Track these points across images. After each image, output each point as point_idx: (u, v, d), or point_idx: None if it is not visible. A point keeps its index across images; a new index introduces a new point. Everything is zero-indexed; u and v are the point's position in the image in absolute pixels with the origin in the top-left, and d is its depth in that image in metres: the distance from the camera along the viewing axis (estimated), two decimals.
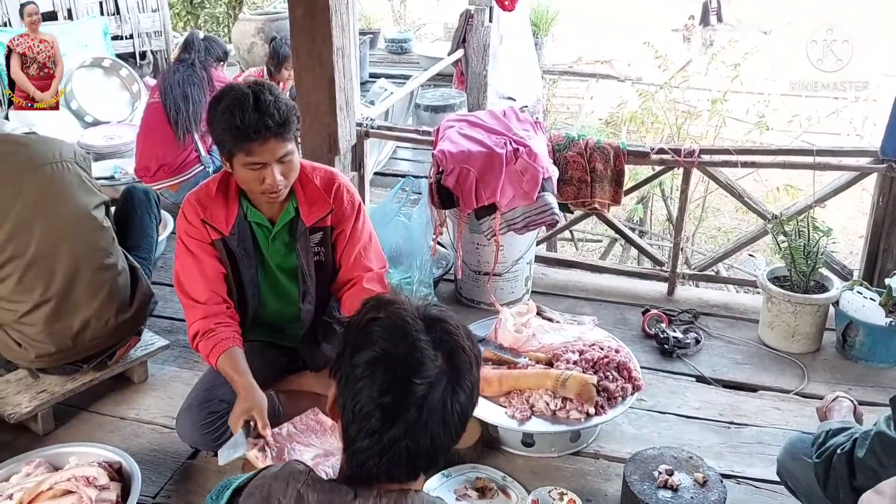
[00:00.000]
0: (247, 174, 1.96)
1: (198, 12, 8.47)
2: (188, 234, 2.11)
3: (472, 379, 1.11)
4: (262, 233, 2.16)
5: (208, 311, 2.09)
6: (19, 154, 2.25)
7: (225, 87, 2.00)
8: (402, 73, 6.44)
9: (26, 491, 1.91)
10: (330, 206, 2.15)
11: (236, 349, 2.04)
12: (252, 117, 1.87)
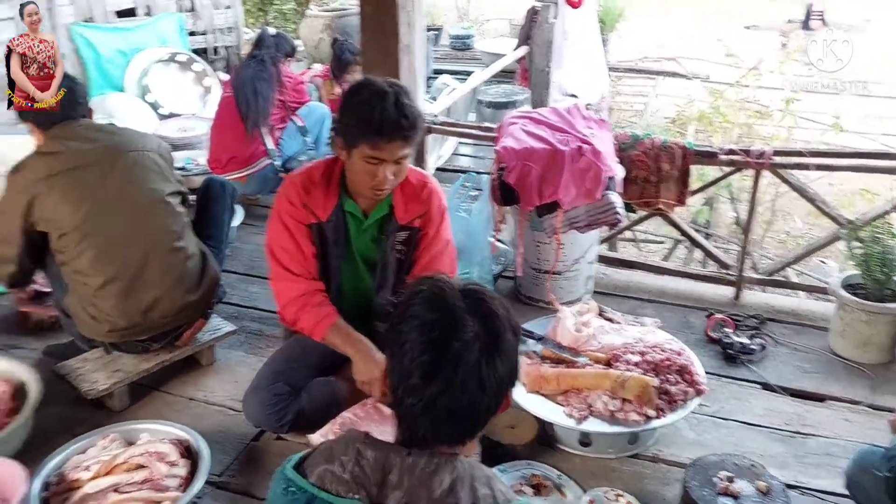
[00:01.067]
0: (362, 166, 2.02)
1: (267, 8, 8.65)
2: (288, 214, 2.18)
3: (508, 345, 1.19)
4: (354, 223, 2.23)
5: (309, 287, 2.17)
6: (111, 141, 2.42)
7: (364, 80, 2.06)
8: (465, 70, 6.46)
9: (102, 463, 2.01)
10: (424, 208, 2.21)
11: (342, 321, 2.13)
12: (390, 114, 1.93)
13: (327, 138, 4.45)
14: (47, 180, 2.29)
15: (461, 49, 7.38)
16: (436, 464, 1.14)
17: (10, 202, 2.32)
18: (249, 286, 3.29)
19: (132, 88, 5.09)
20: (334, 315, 2.14)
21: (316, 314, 2.14)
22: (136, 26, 5.21)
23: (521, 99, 5.06)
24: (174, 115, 5.11)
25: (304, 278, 2.18)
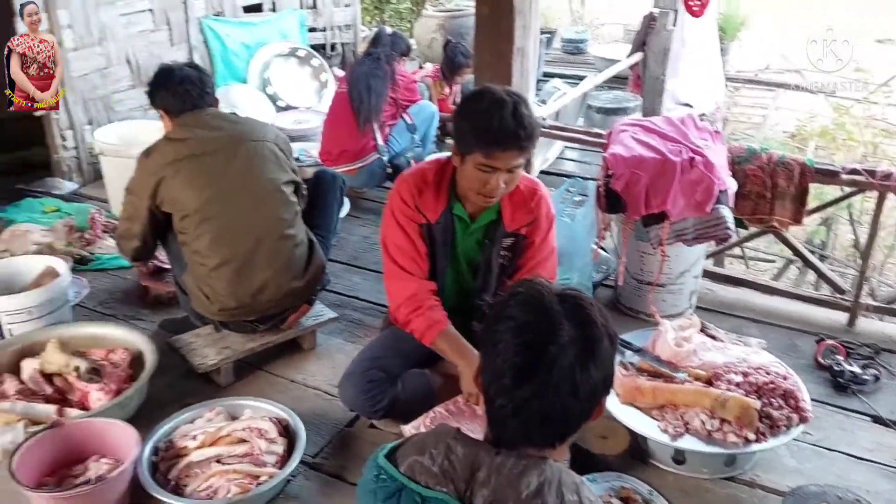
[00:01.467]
0: (474, 173, 2.03)
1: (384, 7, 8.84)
2: (401, 212, 2.21)
3: (603, 352, 1.17)
4: (461, 226, 2.25)
5: (421, 288, 2.19)
6: (234, 129, 2.55)
7: (483, 88, 2.07)
8: (576, 74, 6.39)
9: (208, 434, 2.13)
10: (533, 216, 2.22)
11: (451, 328, 2.15)
12: (508, 124, 1.93)
13: (434, 137, 4.53)
14: (174, 164, 2.44)
15: (573, 53, 7.31)
16: (524, 465, 1.14)
17: (140, 183, 2.49)
18: (353, 276, 3.38)
19: (254, 80, 5.32)
20: (445, 322, 2.14)
21: (427, 319, 2.15)
22: (261, 21, 5.44)
23: (633, 106, 4.97)
24: (291, 107, 5.31)
25: (416, 277, 2.20)
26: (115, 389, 2.32)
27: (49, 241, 3.38)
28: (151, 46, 4.62)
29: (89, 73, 4.25)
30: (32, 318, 2.56)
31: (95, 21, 4.22)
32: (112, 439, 2.10)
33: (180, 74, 2.55)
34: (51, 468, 2.06)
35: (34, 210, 3.81)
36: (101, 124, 4.25)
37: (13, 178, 4.29)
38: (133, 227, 2.56)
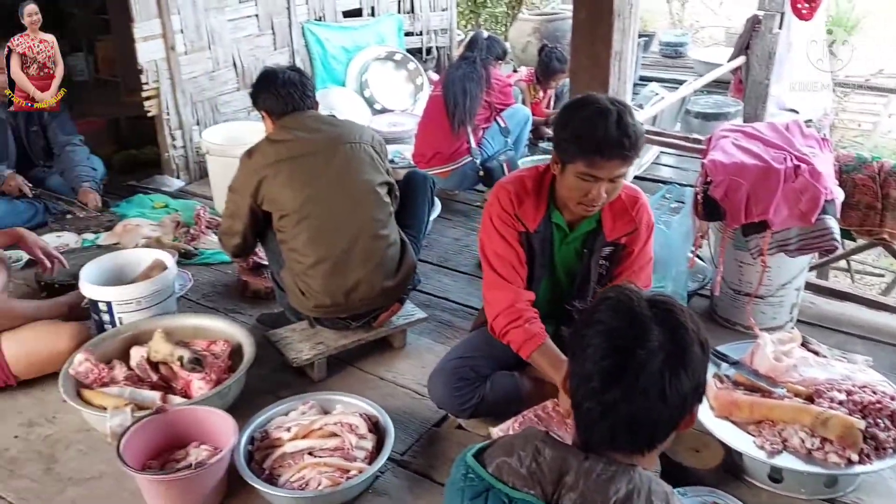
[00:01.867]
0: (575, 182, 2.01)
1: (479, 11, 8.87)
2: (500, 219, 2.19)
3: (694, 358, 1.15)
4: (559, 235, 2.24)
5: (519, 298, 2.16)
6: (332, 132, 2.63)
7: (586, 96, 2.04)
8: (675, 78, 6.24)
9: (301, 427, 2.19)
10: (634, 225, 2.19)
11: (549, 342, 2.11)
12: (612, 133, 1.90)
13: (527, 140, 4.52)
14: (274, 165, 2.53)
15: (672, 57, 7.14)
16: (613, 471, 1.13)
17: (242, 182, 2.60)
18: (443, 277, 3.42)
19: (352, 83, 5.45)
20: (543, 335, 2.10)
21: (525, 332, 2.11)
22: (360, 25, 5.56)
23: (734, 111, 4.81)
24: (387, 110, 5.41)
25: (515, 286, 2.17)
26: (216, 379, 2.42)
27: (157, 236, 3.57)
28: (256, 50, 4.81)
29: (198, 76, 4.46)
30: (141, 308, 2.70)
31: (205, 26, 4.43)
32: (212, 427, 2.19)
33: (283, 77, 2.64)
34: (155, 452, 2.16)
35: (144, 205, 4.03)
36: (208, 125, 4.46)
37: (126, 175, 4.55)
38: (234, 225, 2.67)
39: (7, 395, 2.55)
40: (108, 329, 2.67)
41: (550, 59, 4.93)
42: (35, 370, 2.54)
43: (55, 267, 2.90)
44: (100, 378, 2.40)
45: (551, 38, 6.36)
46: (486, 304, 2.24)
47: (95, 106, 5.64)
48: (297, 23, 5.06)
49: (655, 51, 7.40)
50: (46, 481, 2.20)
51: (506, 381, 2.30)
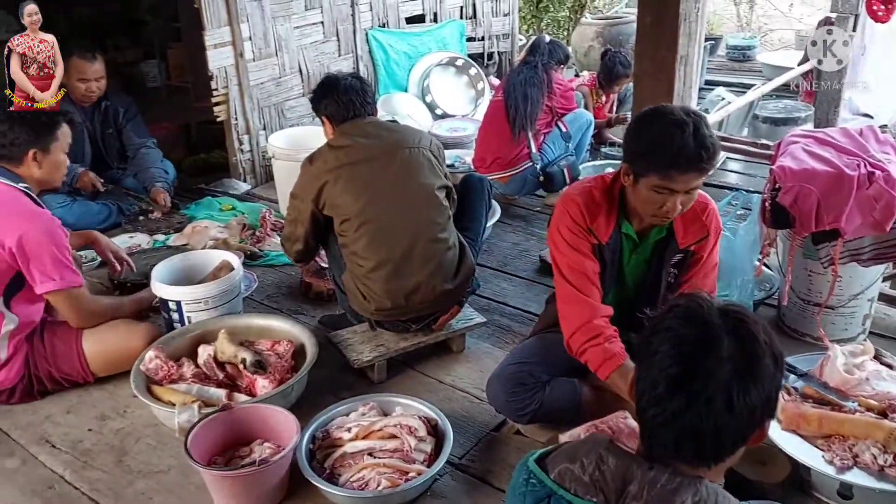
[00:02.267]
0: (649, 195, 1.98)
1: (542, 16, 8.84)
2: (571, 232, 2.15)
3: (765, 371, 1.13)
4: (628, 244, 2.21)
5: (596, 313, 2.10)
6: (391, 137, 2.67)
7: (660, 107, 2.01)
8: (742, 82, 6.10)
9: (361, 427, 2.22)
10: (706, 232, 2.15)
11: (629, 362, 2.03)
12: (689, 147, 1.86)
13: (588, 146, 4.48)
14: (335, 171, 2.58)
15: (739, 60, 6.97)
16: (678, 482, 1.12)
17: (304, 187, 2.65)
18: (501, 282, 3.42)
19: (413, 89, 5.51)
20: (623, 356, 2.03)
21: (605, 352, 2.04)
22: (423, 32, 5.61)
23: (804, 116, 4.67)
24: (447, 115, 5.44)
25: (591, 300, 2.12)
26: (279, 379, 2.47)
27: (224, 237, 3.67)
28: (321, 57, 4.91)
29: (265, 82, 4.57)
30: (209, 307, 2.78)
31: (272, 33, 4.54)
32: (275, 425, 2.24)
33: (344, 84, 2.69)
34: (220, 448, 2.22)
35: (213, 208, 4.15)
36: (274, 129, 4.57)
37: (196, 178, 4.70)
38: (296, 230, 2.73)
39: (82, 390, 2.66)
40: (177, 327, 2.76)
41: (614, 63, 4.88)
42: (110, 368, 2.64)
43: (124, 269, 3.02)
44: (169, 375, 2.48)
45: (614, 42, 6.30)
46: (561, 318, 2.17)
47: (167, 111, 5.85)
48: (361, 29, 5.13)
49: (722, 54, 7.25)
50: (117, 473, 2.29)
51: (565, 387, 2.28)
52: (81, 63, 3.79)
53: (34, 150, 2.54)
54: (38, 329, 2.61)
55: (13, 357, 2.53)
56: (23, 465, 2.34)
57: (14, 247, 2.39)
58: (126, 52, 6.97)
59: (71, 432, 2.46)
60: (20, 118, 2.53)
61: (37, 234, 2.43)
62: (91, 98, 3.90)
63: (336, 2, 4.91)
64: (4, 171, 2.54)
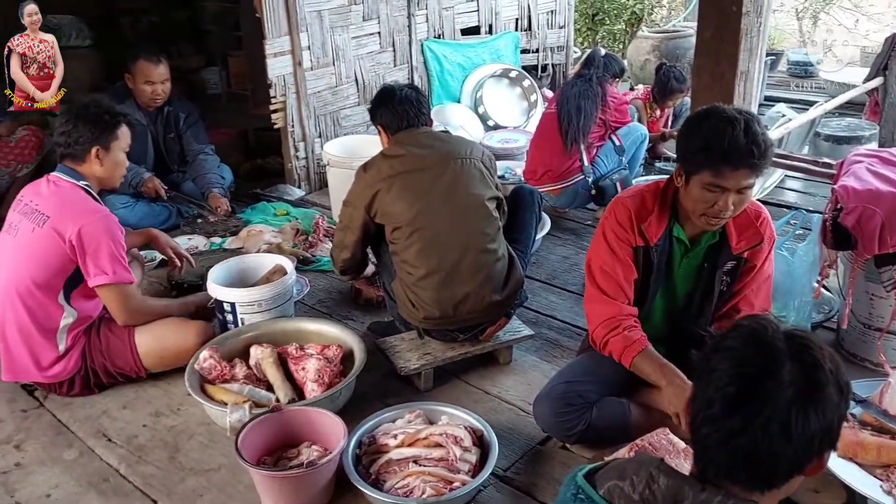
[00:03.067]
0: (701, 193, 1.99)
1: (597, 28, 8.81)
2: (615, 234, 2.19)
3: (828, 400, 1.09)
4: (679, 249, 2.21)
5: (621, 310, 2.17)
6: (444, 148, 2.69)
7: (712, 106, 2.03)
8: (803, 99, 5.97)
9: (407, 435, 2.23)
10: (760, 238, 2.14)
11: (652, 348, 2.11)
12: (740, 142, 1.88)
13: (642, 160, 4.44)
14: (388, 179, 2.61)
15: (801, 77, 6.82)
16: None
17: (357, 195, 2.69)
18: (550, 295, 3.40)
19: (466, 100, 5.53)
20: (644, 341, 2.10)
21: (625, 339, 2.11)
22: (478, 43, 5.64)
23: (868, 135, 4.54)
24: (499, 126, 5.45)
25: (618, 301, 2.17)
26: (328, 383, 2.50)
27: (278, 242, 3.74)
28: (377, 67, 4.97)
29: (322, 91, 4.65)
30: (262, 310, 2.84)
31: (330, 43, 4.62)
32: (322, 428, 2.27)
33: (400, 95, 2.74)
34: (269, 448, 2.26)
35: (267, 213, 4.23)
36: (329, 137, 4.64)
37: (252, 183, 4.80)
38: (346, 238, 2.77)
39: (138, 386, 2.73)
40: (231, 328, 2.82)
41: (668, 78, 4.83)
42: (164, 364, 2.71)
43: (184, 266, 3.10)
44: (222, 375, 2.53)
45: (671, 56, 6.24)
46: (587, 317, 2.26)
47: (227, 117, 6.00)
48: (417, 40, 5.19)
49: (783, 70, 7.11)
50: (170, 469, 2.34)
51: (614, 408, 2.25)
52: (147, 66, 3.91)
53: (96, 147, 2.62)
54: (95, 323, 2.69)
55: (71, 349, 2.61)
56: (80, 456, 2.41)
57: (74, 238, 2.48)
58: (189, 59, 7.20)
59: (127, 427, 2.53)
60: (84, 117, 2.61)
61: (95, 228, 2.51)
62: (157, 102, 4.02)
63: (393, 13, 4.98)
64: (67, 169, 2.63)
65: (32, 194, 2.63)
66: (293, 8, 4.31)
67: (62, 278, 2.54)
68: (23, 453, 2.43)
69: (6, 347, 2.60)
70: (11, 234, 2.60)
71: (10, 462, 2.39)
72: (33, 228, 2.53)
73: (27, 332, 2.55)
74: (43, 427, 2.55)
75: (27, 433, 2.52)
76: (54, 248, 2.50)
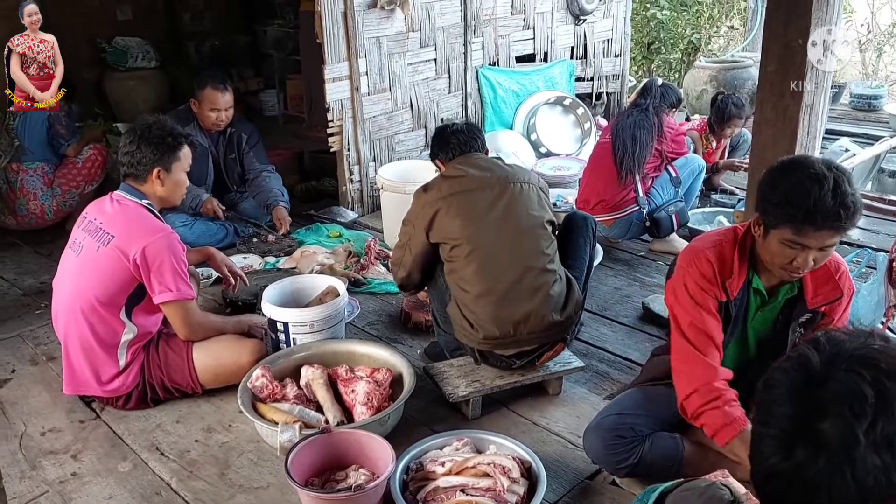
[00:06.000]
0: (780, 248, 1.92)
1: (653, 58, 8.76)
2: (699, 287, 2.08)
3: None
4: (756, 300, 2.14)
5: (716, 375, 2.03)
6: (503, 171, 2.75)
7: (799, 158, 1.95)
8: (866, 133, 5.84)
9: (455, 463, 2.22)
10: (839, 293, 2.06)
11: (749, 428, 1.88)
12: (828, 204, 1.78)
13: (698, 192, 4.38)
14: (448, 199, 2.65)
15: (864, 110, 6.67)
16: None
17: (417, 214, 2.73)
18: (601, 327, 3.36)
19: (519, 127, 5.55)
20: (744, 421, 1.93)
21: (724, 416, 1.96)
22: (532, 70, 5.66)
23: None
24: (551, 154, 5.45)
25: (711, 360, 2.05)
26: (377, 406, 2.51)
27: (331, 263, 3.78)
28: (431, 93, 5.02)
29: (378, 116, 4.72)
30: (314, 330, 2.87)
31: (387, 69, 4.69)
32: (371, 452, 2.27)
33: (453, 128, 2.87)
34: (317, 470, 2.27)
35: (321, 234, 4.29)
36: (384, 162, 4.70)
37: (306, 204, 4.88)
38: (404, 256, 2.80)
39: (191, 401, 2.78)
40: (283, 348, 2.86)
41: (727, 104, 4.76)
42: (218, 381, 2.76)
43: (238, 284, 3.16)
44: (273, 394, 2.56)
45: (728, 86, 6.17)
46: (675, 377, 2.10)
47: (283, 139, 6.13)
48: (472, 67, 5.23)
49: (845, 103, 6.96)
50: (220, 485, 2.37)
51: (667, 442, 2.21)
52: (214, 93, 4.02)
53: (158, 168, 2.70)
54: (154, 339, 2.76)
55: (131, 364, 2.68)
56: (134, 469, 2.46)
57: (138, 258, 2.55)
58: (249, 81, 7.41)
59: (179, 442, 2.58)
60: (146, 138, 2.68)
61: (159, 246, 2.58)
62: (219, 126, 4.13)
63: (450, 40, 5.04)
64: (130, 188, 2.71)
65: (97, 212, 2.71)
66: (353, 34, 4.40)
67: (124, 295, 2.61)
68: (79, 463, 2.49)
69: (68, 362, 2.68)
70: (75, 251, 2.68)
71: (68, 472, 2.45)
72: (98, 247, 2.61)
73: (89, 347, 2.62)
74: (99, 438, 2.61)
75: (84, 444, 2.59)
76: (118, 267, 2.57)
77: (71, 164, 4.56)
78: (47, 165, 4.52)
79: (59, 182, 4.52)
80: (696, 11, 8.71)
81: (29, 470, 2.46)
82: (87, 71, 6.70)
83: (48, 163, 4.52)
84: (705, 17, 8.80)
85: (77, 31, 6.45)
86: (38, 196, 4.46)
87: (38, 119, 4.43)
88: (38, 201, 4.46)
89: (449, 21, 4.99)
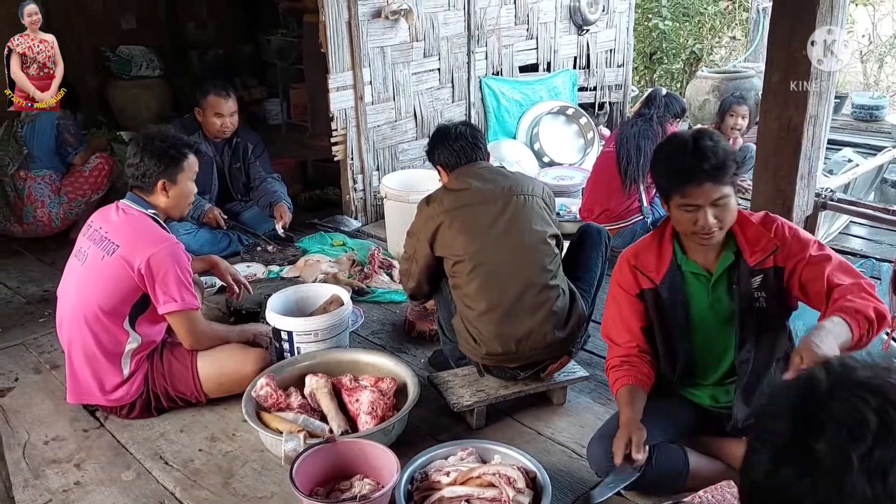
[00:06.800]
0: (681, 215, 2.08)
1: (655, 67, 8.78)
2: (618, 283, 2.32)
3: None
4: (700, 283, 2.20)
5: (624, 352, 2.30)
6: (506, 183, 2.71)
7: (669, 135, 2.24)
8: (869, 143, 5.83)
9: (460, 473, 2.21)
10: (775, 244, 2.10)
11: (635, 387, 2.20)
12: (690, 161, 2.02)
13: None
14: (450, 212, 2.63)
15: (865, 120, 6.68)
16: None
17: (420, 227, 2.72)
18: None
19: (522, 136, 5.55)
20: (627, 379, 2.21)
21: (614, 375, 2.26)
22: (535, 80, 5.67)
23: None
24: (554, 163, 5.45)
25: (622, 346, 2.31)
26: (381, 416, 2.51)
27: (334, 272, 3.78)
28: (435, 102, 5.04)
29: (381, 125, 4.73)
30: (318, 339, 2.87)
31: (391, 79, 4.71)
32: (375, 462, 2.26)
33: (456, 132, 2.79)
34: (321, 479, 2.26)
35: (325, 243, 4.29)
36: (387, 171, 4.71)
37: (310, 213, 4.89)
38: (412, 267, 2.80)
39: (195, 411, 2.78)
40: (287, 357, 2.86)
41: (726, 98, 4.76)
42: (222, 390, 2.76)
43: (242, 293, 3.15)
44: (277, 403, 2.56)
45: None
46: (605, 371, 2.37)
47: (286, 148, 6.15)
48: (476, 77, 5.25)
49: (847, 113, 6.97)
50: (223, 494, 2.37)
51: (672, 454, 2.20)
52: (217, 100, 4.04)
53: (163, 180, 2.70)
54: (158, 348, 2.76)
55: (135, 373, 2.68)
56: (137, 478, 2.45)
57: (143, 268, 2.55)
58: (252, 90, 7.43)
59: (183, 451, 2.57)
60: (150, 150, 2.68)
61: (164, 256, 2.58)
62: (225, 134, 4.14)
63: (454, 50, 5.05)
64: (136, 198, 2.72)
65: (102, 221, 2.72)
66: (357, 44, 4.41)
67: (128, 305, 2.61)
68: (83, 472, 2.48)
69: (72, 371, 2.68)
70: (80, 260, 2.68)
71: (71, 480, 2.44)
72: (102, 256, 2.61)
73: (92, 356, 2.62)
74: (103, 447, 2.61)
75: (87, 452, 2.58)
76: (122, 277, 2.58)
77: (78, 172, 4.57)
78: (55, 173, 4.53)
79: (66, 190, 4.54)
80: (698, 22, 8.73)
81: (32, 479, 2.45)
82: (91, 79, 6.73)
83: (55, 171, 4.54)
84: (707, 27, 8.83)
85: (81, 40, 6.49)
86: (45, 203, 4.47)
87: (47, 127, 4.45)
88: (45, 209, 4.48)
89: (453, 31, 5.01)
